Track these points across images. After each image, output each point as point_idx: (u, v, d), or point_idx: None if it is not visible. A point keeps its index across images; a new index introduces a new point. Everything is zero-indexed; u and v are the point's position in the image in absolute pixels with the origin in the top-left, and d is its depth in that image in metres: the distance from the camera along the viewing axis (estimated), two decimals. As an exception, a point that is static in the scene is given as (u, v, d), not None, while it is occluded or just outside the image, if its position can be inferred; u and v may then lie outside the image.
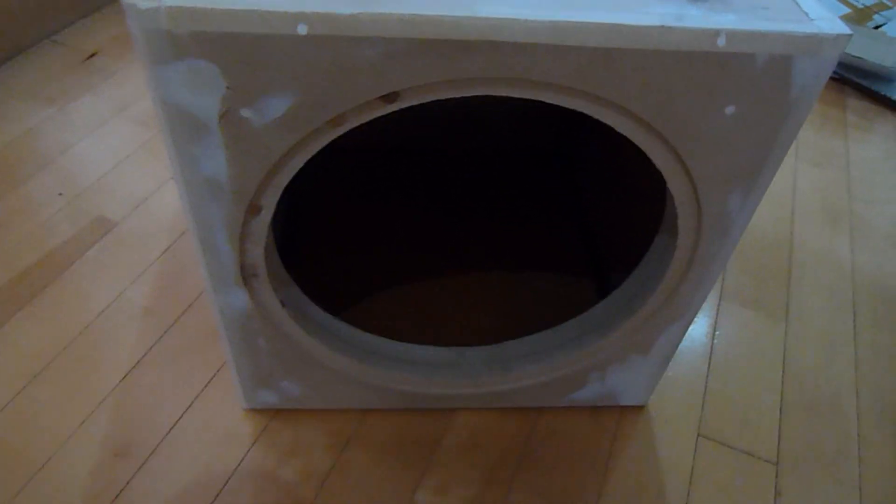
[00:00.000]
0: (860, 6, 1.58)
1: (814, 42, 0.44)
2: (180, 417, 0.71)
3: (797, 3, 0.47)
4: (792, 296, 0.91)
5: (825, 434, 0.77)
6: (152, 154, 1.01)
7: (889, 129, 1.25)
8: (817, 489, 0.72)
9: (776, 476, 0.73)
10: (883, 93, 1.31)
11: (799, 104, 0.47)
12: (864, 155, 1.17)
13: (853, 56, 1.30)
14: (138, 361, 0.76)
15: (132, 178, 0.97)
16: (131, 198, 0.94)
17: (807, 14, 0.46)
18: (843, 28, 0.45)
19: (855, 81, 1.34)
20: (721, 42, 0.43)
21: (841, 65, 1.34)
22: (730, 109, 0.47)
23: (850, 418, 0.78)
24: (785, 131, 0.49)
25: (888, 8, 1.60)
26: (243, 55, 0.42)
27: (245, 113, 0.45)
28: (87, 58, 1.18)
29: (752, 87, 0.46)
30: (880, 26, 1.52)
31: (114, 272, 0.85)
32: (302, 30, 0.41)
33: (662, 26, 0.43)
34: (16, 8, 1.13)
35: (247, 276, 0.56)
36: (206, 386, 0.74)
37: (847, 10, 1.56)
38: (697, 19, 0.44)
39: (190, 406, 0.72)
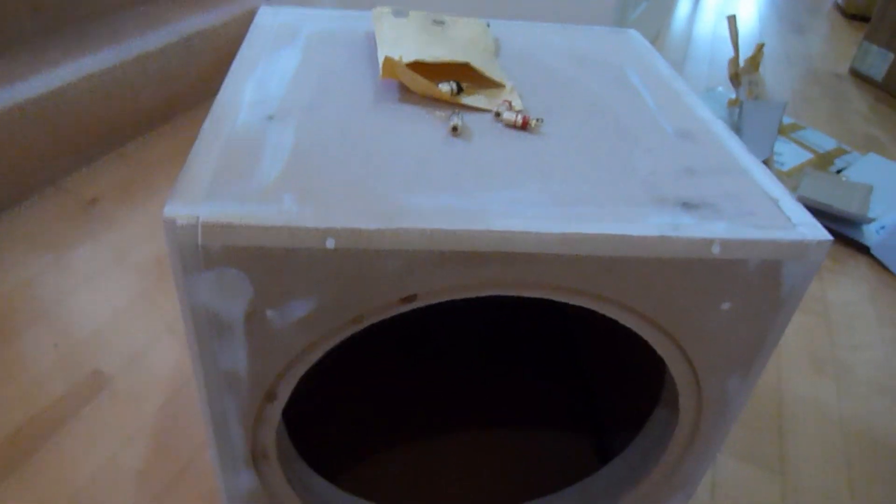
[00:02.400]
0: (822, 152, 1.69)
1: (800, 248, 0.48)
2: None
3: (779, 207, 0.51)
4: (785, 447, 0.92)
5: None
6: (151, 304, 1.02)
7: (861, 271, 1.30)
8: None
9: None
10: (851, 236, 1.38)
11: (789, 299, 0.50)
12: (842, 298, 1.22)
13: (821, 202, 1.38)
14: (130, 532, 0.73)
15: (129, 329, 0.98)
16: (128, 350, 0.94)
17: (790, 219, 0.50)
18: (823, 234, 0.49)
19: (825, 225, 1.41)
20: (716, 250, 0.47)
21: (810, 210, 1.41)
22: (725, 305, 0.50)
23: (856, 583, 0.77)
24: (777, 323, 0.52)
25: (846, 153, 1.71)
26: (273, 265, 0.44)
27: (270, 314, 0.47)
28: (88, 204, 1.21)
29: (745, 286, 0.49)
30: (841, 170, 1.62)
31: (108, 432, 0.83)
32: (330, 244, 0.44)
33: (662, 236, 0.47)
34: (22, 154, 1.17)
35: (257, 458, 0.56)
36: (200, 559, 0.72)
37: (810, 156, 1.66)
38: (692, 228, 0.48)
39: (183, 583, 0.70)
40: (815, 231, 0.49)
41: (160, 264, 1.10)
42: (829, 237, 0.49)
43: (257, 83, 0.59)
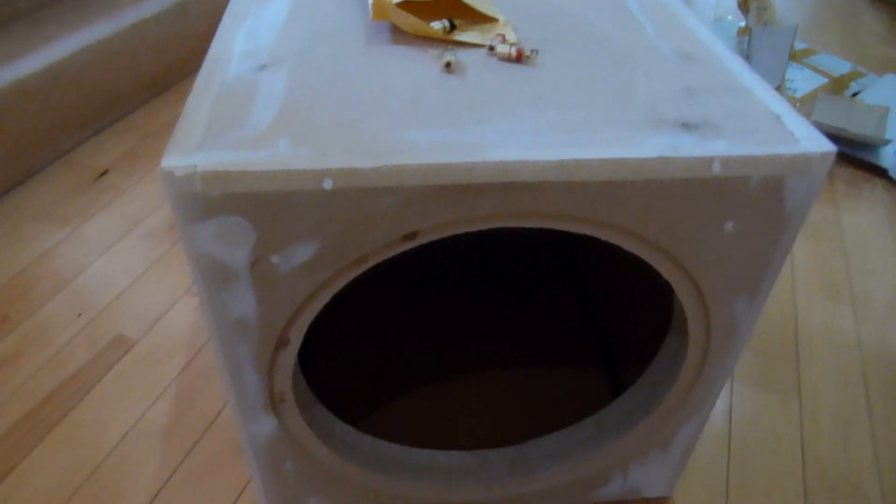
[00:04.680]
0: (836, 76, 1.65)
1: (802, 162, 0.47)
2: (207, 542, 0.71)
3: (782, 123, 0.51)
4: (802, 374, 0.92)
5: (852, 516, 0.77)
6: (166, 270, 1.04)
7: (877, 195, 1.28)
8: (851, 576, 0.71)
9: (808, 565, 0.72)
10: (868, 160, 1.36)
11: (793, 217, 0.50)
12: (857, 223, 1.20)
13: (836, 127, 1.35)
14: (163, 485, 0.76)
15: (148, 294, 0.99)
16: (148, 315, 0.96)
17: (792, 133, 0.49)
18: (827, 145, 0.48)
19: (840, 150, 1.38)
20: (716, 168, 0.47)
21: (825, 135, 1.39)
22: (729, 226, 0.50)
23: (874, 498, 0.78)
24: (782, 242, 0.51)
25: (862, 75, 1.67)
26: (273, 210, 0.45)
27: (274, 259, 0.47)
28: (99, 176, 1.22)
29: (748, 205, 0.49)
30: (857, 94, 1.58)
31: (134, 393, 0.86)
32: (327, 185, 0.44)
33: (661, 157, 0.46)
34: (27, 131, 1.18)
35: (275, 403, 0.58)
36: (231, 507, 0.74)
37: (824, 81, 1.62)
38: (692, 148, 0.47)
39: (216, 529, 0.72)
40: (818, 143, 0.48)
41: (172, 230, 1.11)
42: (833, 148, 0.48)
43: (247, 33, 0.59)
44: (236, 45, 0.57)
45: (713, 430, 0.85)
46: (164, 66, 1.47)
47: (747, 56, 1.56)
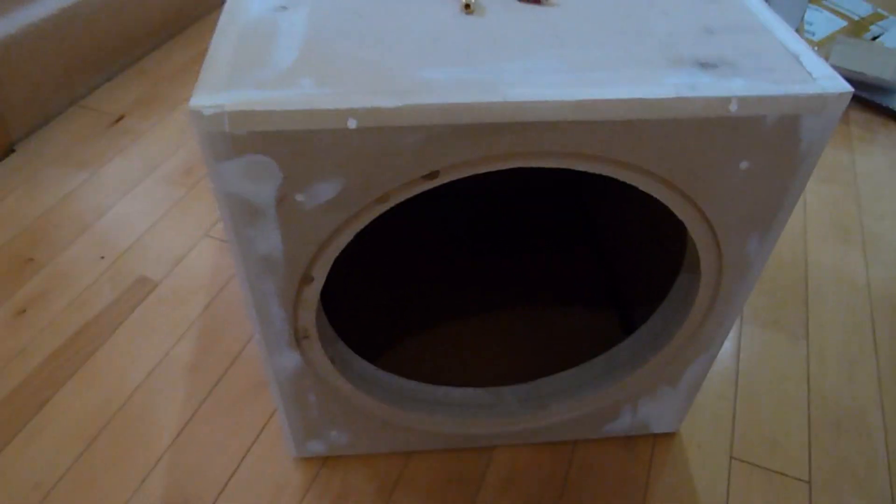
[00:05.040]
0: (856, 18, 1.62)
1: (819, 101, 0.48)
2: (235, 471, 0.75)
3: (800, 62, 0.51)
4: (811, 314, 0.94)
5: (854, 450, 0.79)
6: (186, 212, 1.06)
7: (893, 139, 1.28)
8: (850, 505, 0.74)
9: (809, 495, 0.75)
10: (884, 104, 1.34)
11: (808, 156, 0.51)
12: (870, 167, 1.20)
13: (853, 70, 1.34)
14: (190, 418, 0.79)
15: (168, 237, 1.02)
16: (169, 256, 0.99)
17: (810, 73, 0.50)
18: (844, 86, 0.48)
19: (856, 94, 1.37)
20: (733, 108, 0.47)
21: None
22: (744, 164, 0.51)
23: (877, 434, 0.81)
24: (796, 181, 0.52)
25: (884, 18, 1.63)
26: (298, 148, 0.46)
27: (299, 197, 0.49)
28: (116, 121, 1.23)
29: (763, 144, 0.49)
30: (877, 37, 1.56)
31: (158, 332, 0.89)
32: (352, 124, 0.45)
33: (678, 97, 0.47)
34: (42, 75, 1.18)
35: (299, 338, 0.60)
36: (256, 437, 0.78)
37: (844, 24, 1.59)
38: (710, 87, 0.48)
39: (243, 459, 0.76)
40: (835, 83, 0.48)
41: (190, 173, 1.13)
42: (850, 88, 0.48)
43: (266, -27, 0.59)
44: (255, -15, 0.57)
45: (721, 369, 0.87)
46: (175, 10, 1.46)
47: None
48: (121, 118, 1.24)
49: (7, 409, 0.80)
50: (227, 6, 0.55)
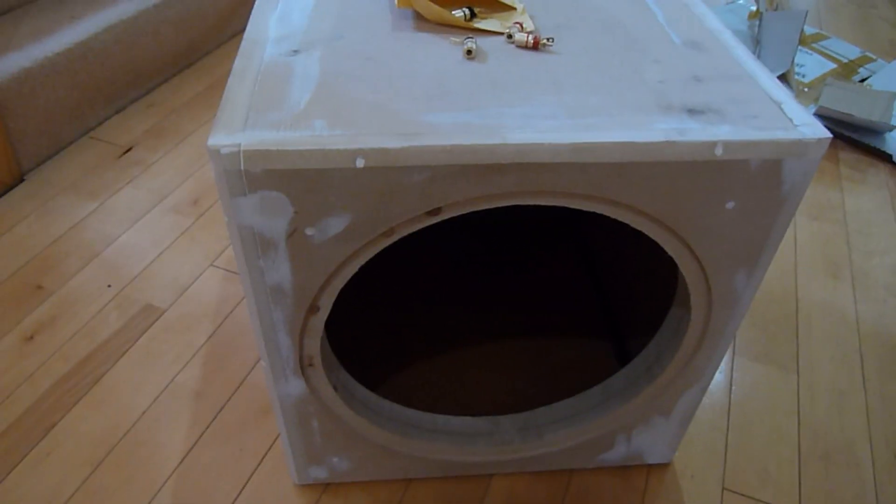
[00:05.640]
0: (845, 61, 1.67)
1: (800, 146, 0.51)
2: (237, 497, 0.76)
3: (782, 110, 0.54)
4: (801, 348, 0.96)
5: (843, 482, 0.81)
6: (192, 242, 1.08)
7: (881, 179, 1.31)
8: (839, 537, 0.76)
9: (799, 526, 0.77)
10: (873, 145, 1.38)
11: (790, 197, 0.54)
12: (860, 206, 1.24)
13: (842, 112, 1.38)
14: (194, 444, 0.81)
15: (175, 266, 1.04)
16: (176, 285, 1.01)
17: (791, 120, 0.53)
18: (823, 132, 0.52)
19: (846, 135, 1.41)
20: (719, 151, 0.50)
21: (832, 120, 1.41)
22: (730, 204, 0.54)
23: (866, 466, 0.82)
24: (780, 220, 0.55)
25: (872, 60, 1.68)
26: (309, 186, 0.49)
27: (309, 231, 0.51)
28: (125, 152, 1.26)
29: (748, 185, 0.52)
30: (865, 79, 1.60)
31: (164, 358, 0.91)
32: (360, 163, 0.48)
33: (667, 141, 0.50)
34: (54, 107, 1.22)
35: (304, 366, 0.62)
36: (259, 463, 0.79)
37: (833, 66, 1.64)
38: (697, 132, 0.51)
39: (245, 484, 0.77)
40: (815, 129, 0.52)
41: (197, 204, 1.15)
42: (829, 134, 0.51)
43: (280, 18, 0.63)
44: (270, 29, 0.61)
45: (714, 401, 0.89)
46: (185, 44, 1.50)
47: (757, 40, 1.58)
48: (130, 149, 1.27)
49: (15, 433, 0.81)
50: (242, 47, 0.58)
